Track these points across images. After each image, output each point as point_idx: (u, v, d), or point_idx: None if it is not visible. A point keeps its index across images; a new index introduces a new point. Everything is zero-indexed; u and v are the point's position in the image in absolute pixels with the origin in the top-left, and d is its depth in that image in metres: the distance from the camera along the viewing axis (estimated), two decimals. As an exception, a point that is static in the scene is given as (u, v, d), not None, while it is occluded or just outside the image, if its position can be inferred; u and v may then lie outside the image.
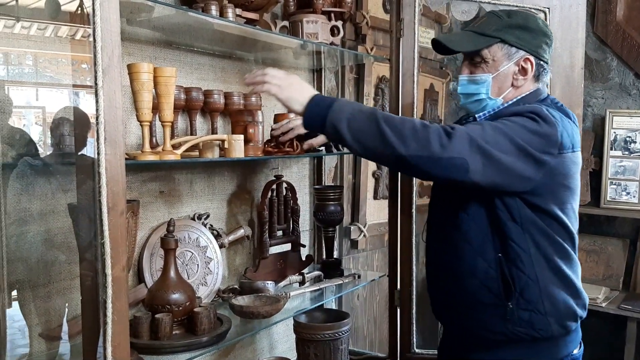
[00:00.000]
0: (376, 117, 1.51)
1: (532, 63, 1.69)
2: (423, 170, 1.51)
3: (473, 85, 1.72)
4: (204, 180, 2.20)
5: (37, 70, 1.76)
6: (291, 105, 1.63)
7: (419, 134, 1.48)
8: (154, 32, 1.91)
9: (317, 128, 1.62)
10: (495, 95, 1.72)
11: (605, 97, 3.55)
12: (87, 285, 1.36)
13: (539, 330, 1.64)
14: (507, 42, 1.67)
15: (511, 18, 1.69)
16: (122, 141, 1.32)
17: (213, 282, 2.12)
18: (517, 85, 1.71)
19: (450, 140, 1.48)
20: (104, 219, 1.29)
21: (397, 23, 2.35)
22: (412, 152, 1.48)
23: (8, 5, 1.63)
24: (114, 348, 1.32)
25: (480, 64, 1.71)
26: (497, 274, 1.63)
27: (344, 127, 1.54)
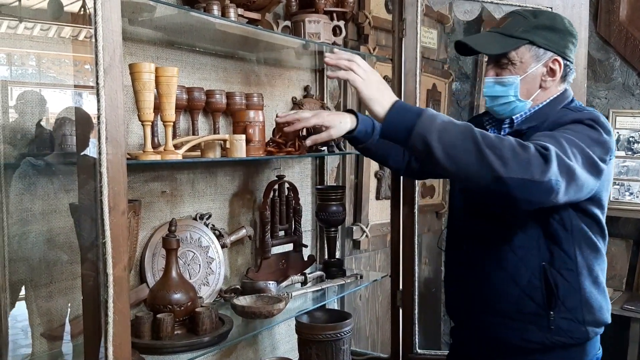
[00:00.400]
0: (472, 133, 1.38)
1: (560, 64, 1.66)
2: (518, 194, 1.38)
3: (500, 87, 1.68)
4: (206, 180, 2.20)
5: (40, 70, 1.76)
6: (372, 106, 1.48)
7: (519, 155, 1.36)
8: (156, 32, 1.91)
9: (399, 137, 1.46)
10: (524, 98, 1.68)
11: (608, 97, 3.55)
12: (89, 285, 1.36)
13: (576, 338, 1.63)
14: (536, 43, 1.64)
15: (538, 18, 1.66)
16: (124, 141, 1.32)
17: (215, 282, 2.12)
18: (545, 87, 1.68)
19: (547, 162, 1.36)
20: (105, 219, 1.29)
21: (400, 23, 2.35)
22: (512, 174, 1.35)
23: (11, 6, 1.64)
24: (115, 348, 1.32)
25: (507, 66, 1.67)
26: (541, 282, 1.61)
27: (434, 140, 1.38)
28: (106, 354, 1.32)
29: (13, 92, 1.65)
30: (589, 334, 1.65)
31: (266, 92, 2.41)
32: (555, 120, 1.62)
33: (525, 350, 1.67)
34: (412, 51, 2.34)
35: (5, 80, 1.62)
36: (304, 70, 2.65)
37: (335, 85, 2.88)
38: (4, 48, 1.63)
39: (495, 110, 1.73)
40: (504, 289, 1.66)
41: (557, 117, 1.63)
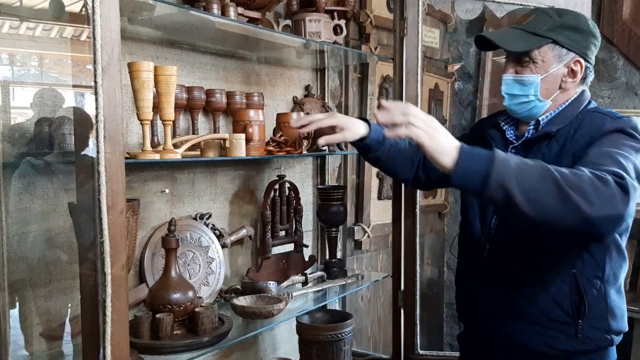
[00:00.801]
0: (550, 172, 1.32)
1: (582, 65, 1.63)
2: (606, 230, 1.32)
3: (520, 86, 1.65)
4: (206, 180, 2.19)
5: (42, 71, 1.76)
6: (439, 159, 1.38)
7: (601, 191, 1.30)
8: (155, 31, 1.91)
9: (473, 187, 1.36)
10: (544, 98, 1.64)
11: (611, 97, 3.53)
12: (87, 284, 1.35)
13: (600, 346, 1.62)
14: (559, 43, 1.60)
15: (562, 17, 1.62)
16: (122, 140, 1.31)
17: (215, 282, 2.11)
18: (565, 88, 1.65)
19: (627, 193, 1.31)
20: (104, 218, 1.28)
21: (401, 22, 2.34)
22: (599, 212, 1.29)
23: (13, 6, 1.63)
24: (113, 347, 1.32)
25: (528, 64, 1.63)
26: (571, 290, 1.59)
27: (514, 186, 1.30)
28: (104, 353, 1.31)
29: (14, 91, 1.65)
30: (613, 342, 1.64)
31: (267, 91, 2.40)
32: (592, 127, 1.57)
33: (548, 356, 1.64)
34: (413, 50, 2.33)
35: (6, 80, 1.61)
36: (305, 70, 2.65)
37: (337, 85, 2.88)
38: (5, 48, 1.62)
39: (513, 109, 1.69)
40: (533, 295, 1.62)
41: (593, 123, 1.58)
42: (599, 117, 1.60)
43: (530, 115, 1.69)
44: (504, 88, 1.68)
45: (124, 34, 1.83)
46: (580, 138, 1.58)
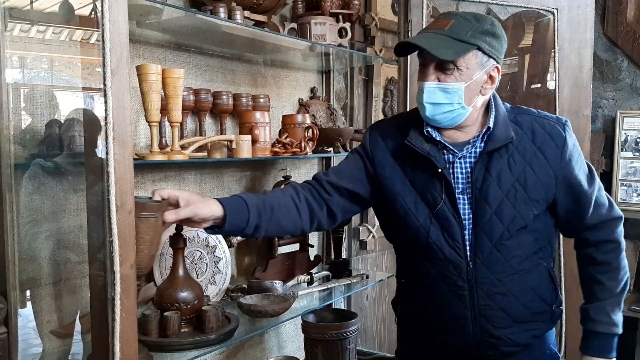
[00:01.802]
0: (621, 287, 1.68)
1: (499, 71, 1.59)
2: None
3: (443, 94, 1.54)
4: (213, 180, 2.22)
5: (52, 73, 1.79)
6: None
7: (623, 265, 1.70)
8: (163, 34, 1.94)
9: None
10: (467, 105, 1.56)
11: (615, 98, 3.54)
12: (96, 283, 1.38)
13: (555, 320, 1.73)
14: (482, 49, 1.53)
15: (480, 23, 1.54)
16: (131, 141, 1.34)
17: (222, 281, 2.14)
18: (484, 94, 1.59)
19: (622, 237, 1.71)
20: (113, 218, 1.31)
21: (405, 25, 2.36)
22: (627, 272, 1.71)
23: (23, 9, 1.67)
24: (122, 344, 1.35)
25: (452, 72, 1.52)
26: (547, 281, 1.65)
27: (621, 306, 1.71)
28: (113, 350, 1.34)
29: (25, 94, 1.68)
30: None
31: (273, 93, 2.43)
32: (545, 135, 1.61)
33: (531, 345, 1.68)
34: (417, 52, 2.35)
35: (17, 82, 1.65)
36: (310, 72, 2.68)
37: (342, 87, 2.90)
38: (16, 51, 1.66)
39: (437, 119, 1.58)
40: (520, 297, 1.61)
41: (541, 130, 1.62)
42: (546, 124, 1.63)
43: (453, 123, 1.60)
44: (426, 97, 1.55)
45: (132, 37, 1.87)
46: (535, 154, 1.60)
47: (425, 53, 1.52)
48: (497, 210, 1.57)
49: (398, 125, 1.70)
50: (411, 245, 1.67)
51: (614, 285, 1.67)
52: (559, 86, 2.32)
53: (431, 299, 1.66)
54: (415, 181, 1.62)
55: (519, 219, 1.57)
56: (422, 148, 1.60)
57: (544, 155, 1.60)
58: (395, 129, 1.70)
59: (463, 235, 1.59)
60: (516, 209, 1.57)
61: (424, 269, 1.65)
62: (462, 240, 1.59)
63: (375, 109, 3.09)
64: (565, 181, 1.61)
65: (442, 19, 1.58)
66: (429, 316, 1.68)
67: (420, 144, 1.60)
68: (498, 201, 1.57)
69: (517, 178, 1.58)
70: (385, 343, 3.32)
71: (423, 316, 1.71)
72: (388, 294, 3.31)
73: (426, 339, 1.73)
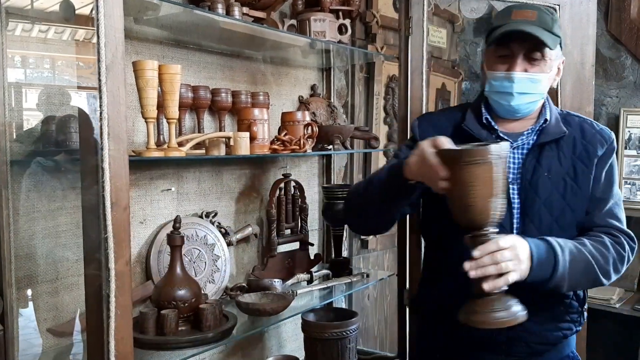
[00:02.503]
0: (593, 267, 1.54)
1: (563, 64, 1.69)
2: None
3: (530, 84, 1.61)
4: (212, 178, 2.21)
5: (50, 71, 1.78)
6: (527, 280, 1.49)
7: (619, 268, 1.60)
8: (161, 30, 1.93)
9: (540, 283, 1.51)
10: (544, 95, 1.68)
11: (619, 96, 3.52)
12: (91, 280, 1.37)
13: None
14: (561, 42, 1.63)
15: (555, 16, 1.62)
16: (126, 137, 1.33)
17: (220, 279, 2.13)
18: (553, 86, 1.69)
19: (632, 252, 1.64)
20: (108, 214, 1.30)
21: (406, 21, 2.34)
22: (610, 281, 1.61)
23: (25, 8, 1.66)
24: (117, 342, 1.34)
25: (539, 63, 1.60)
26: None
27: (565, 285, 1.53)
28: (108, 348, 1.33)
29: (22, 92, 1.67)
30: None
31: (273, 91, 2.42)
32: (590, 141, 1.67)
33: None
34: (418, 49, 2.33)
35: (14, 81, 1.64)
36: (310, 69, 2.66)
37: (343, 85, 2.89)
38: (15, 50, 1.65)
39: (520, 109, 1.65)
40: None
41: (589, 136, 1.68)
42: (594, 125, 1.72)
43: (528, 113, 1.68)
44: (517, 87, 1.61)
45: (130, 34, 1.87)
46: (584, 149, 1.66)
47: (513, 43, 1.58)
48: (546, 201, 1.61)
49: (445, 116, 1.78)
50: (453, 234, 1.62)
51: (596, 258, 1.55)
52: (561, 83, 2.29)
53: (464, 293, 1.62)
54: None
55: (569, 211, 1.62)
56: (480, 134, 1.66)
57: (590, 152, 1.66)
58: (443, 119, 1.78)
59: (512, 223, 1.62)
60: (566, 201, 1.62)
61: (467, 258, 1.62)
62: (510, 228, 1.61)
63: (376, 107, 3.07)
64: (596, 175, 1.65)
65: (525, 10, 1.62)
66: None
67: (477, 130, 1.67)
68: (547, 192, 1.61)
69: (567, 172, 1.62)
70: (386, 342, 3.30)
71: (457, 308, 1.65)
72: (390, 294, 3.29)
73: (455, 334, 1.70)
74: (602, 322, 3.40)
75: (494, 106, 1.70)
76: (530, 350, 1.67)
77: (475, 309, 1.44)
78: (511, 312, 1.41)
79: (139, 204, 1.95)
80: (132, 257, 1.95)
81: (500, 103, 1.67)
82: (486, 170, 1.37)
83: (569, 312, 1.68)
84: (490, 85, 1.67)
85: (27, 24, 1.69)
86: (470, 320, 1.44)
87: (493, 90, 1.66)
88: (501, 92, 1.64)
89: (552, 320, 1.65)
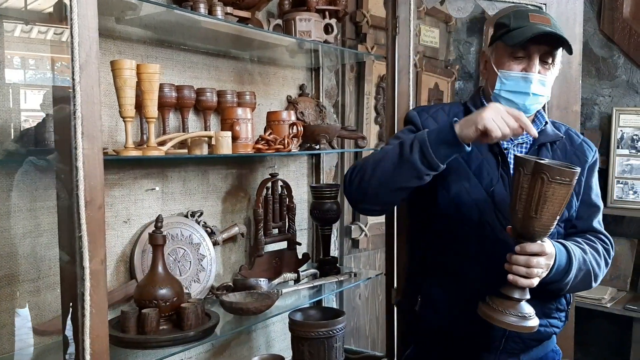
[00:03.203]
0: (590, 274, 1.65)
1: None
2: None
3: (541, 86, 1.67)
4: (198, 178, 2.21)
5: (33, 70, 1.79)
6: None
7: (605, 272, 1.72)
8: (145, 31, 1.93)
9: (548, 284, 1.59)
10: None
11: (612, 95, 3.51)
12: (66, 278, 1.38)
13: None
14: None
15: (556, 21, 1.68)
16: (100, 136, 1.33)
17: (206, 279, 2.13)
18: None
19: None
20: (82, 213, 1.30)
21: (393, 20, 2.34)
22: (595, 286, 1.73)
23: (21, 10, 1.67)
24: (92, 340, 1.34)
25: (550, 65, 1.68)
26: None
27: (565, 289, 1.65)
28: (83, 346, 1.33)
29: (3, 92, 1.68)
30: None
31: (260, 90, 2.42)
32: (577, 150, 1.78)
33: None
34: (405, 48, 2.33)
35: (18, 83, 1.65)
36: (299, 69, 2.66)
37: (333, 84, 2.89)
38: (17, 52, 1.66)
39: (530, 108, 1.70)
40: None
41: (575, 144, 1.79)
42: (580, 134, 1.86)
43: (532, 112, 1.75)
44: (534, 88, 1.66)
45: (113, 34, 1.87)
46: (574, 154, 1.77)
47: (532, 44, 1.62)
48: None
49: (443, 111, 1.82)
50: (457, 225, 1.71)
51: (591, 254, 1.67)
52: (548, 82, 2.30)
53: (466, 286, 1.67)
54: (469, 160, 1.69)
55: (564, 211, 1.64)
56: None
57: (580, 158, 1.76)
58: (441, 112, 1.82)
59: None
60: None
61: (464, 252, 1.68)
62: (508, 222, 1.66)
63: (367, 107, 3.08)
64: (587, 182, 1.77)
65: (540, 15, 1.69)
66: (459, 306, 1.69)
67: None
68: None
69: None
70: (378, 342, 3.30)
71: (452, 307, 1.72)
72: (381, 293, 3.28)
73: (448, 333, 1.75)
74: (594, 321, 3.41)
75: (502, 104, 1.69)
76: (523, 346, 1.73)
77: (494, 306, 1.52)
78: (524, 321, 1.50)
79: (122, 203, 1.95)
80: (116, 256, 1.96)
81: (512, 102, 1.69)
82: (565, 191, 1.42)
83: (558, 309, 1.75)
84: (502, 84, 1.69)
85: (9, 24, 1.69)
86: (487, 315, 1.52)
87: (506, 89, 1.69)
88: (516, 91, 1.68)
89: (543, 317, 1.69)
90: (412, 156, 1.51)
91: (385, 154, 1.61)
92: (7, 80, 1.67)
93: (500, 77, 1.69)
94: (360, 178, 1.64)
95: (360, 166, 1.67)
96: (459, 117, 1.66)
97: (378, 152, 1.68)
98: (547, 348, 1.82)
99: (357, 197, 1.69)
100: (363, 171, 1.63)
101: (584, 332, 3.41)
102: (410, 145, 1.53)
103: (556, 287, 1.61)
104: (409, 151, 1.53)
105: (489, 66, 1.76)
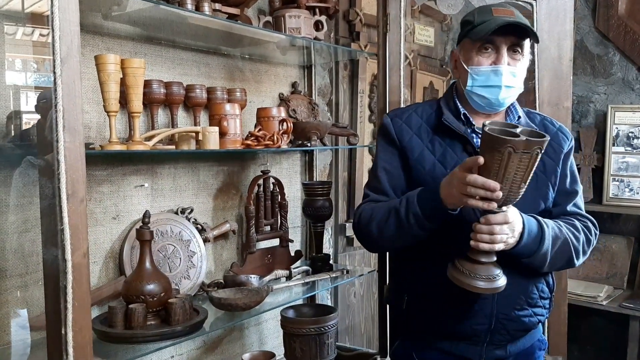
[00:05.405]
0: (571, 253, 1.66)
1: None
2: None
3: (513, 77, 1.67)
4: (188, 174, 2.21)
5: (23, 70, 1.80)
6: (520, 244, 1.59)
7: (586, 250, 1.72)
8: (133, 27, 1.94)
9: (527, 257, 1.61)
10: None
11: (607, 93, 3.50)
12: (49, 272, 1.38)
13: None
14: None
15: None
16: (82, 130, 1.34)
17: (196, 275, 2.13)
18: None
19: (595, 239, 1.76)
20: (64, 206, 1.31)
21: (384, 18, 2.34)
22: (579, 263, 1.72)
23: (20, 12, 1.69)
24: (75, 333, 1.34)
25: (519, 56, 1.68)
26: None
27: (546, 263, 1.64)
28: (66, 339, 1.34)
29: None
30: None
31: (252, 88, 2.43)
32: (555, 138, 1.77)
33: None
34: (395, 46, 2.33)
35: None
36: (291, 67, 2.66)
37: (327, 82, 2.89)
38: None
39: (503, 102, 1.70)
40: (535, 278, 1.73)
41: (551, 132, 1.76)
42: (554, 122, 1.84)
43: (506, 105, 1.74)
44: (505, 80, 1.65)
45: (101, 30, 1.88)
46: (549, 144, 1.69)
47: (498, 37, 1.63)
48: None
49: (416, 113, 1.80)
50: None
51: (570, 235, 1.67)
52: (539, 78, 2.29)
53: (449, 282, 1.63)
54: (445, 160, 1.70)
55: (539, 201, 1.70)
56: (459, 128, 1.70)
57: (555, 147, 1.75)
58: (414, 115, 1.80)
59: None
60: (537, 192, 1.69)
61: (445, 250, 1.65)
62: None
63: (361, 105, 3.08)
64: (563, 171, 1.75)
65: (504, 8, 1.68)
66: (444, 302, 1.69)
67: (457, 125, 1.71)
68: None
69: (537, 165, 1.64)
70: (373, 340, 3.30)
71: (437, 304, 1.71)
72: (376, 291, 3.28)
73: (434, 330, 1.75)
74: (590, 319, 3.40)
75: (476, 101, 1.72)
76: (509, 337, 1.73)
77: (462, 269, 1.55)
78: (492, 283, 1.52)
79: (111, 199, 1.96)
80: (105, 252, 1.96)
81: (485, 97, 1.69)
82: (532, 161, 1.42)
83: (541, 297, 1.74)
84: (474, 80, 1.69)
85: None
86: (455, 277, 1.55)
87: (477, 84, 1.69)
88: (488, 85, 1.68)
89: (528, 306, 1.71)
90: (412, 229, 1.62)
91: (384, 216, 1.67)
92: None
93: (471, 73, 1.68)
94: (368, 239, 1.77)
95: (364, 225, 1.73)
96: (431, 118, 1.75)
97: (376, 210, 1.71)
98: (533, 337, 1.82)
99: (373, 251, 2.05)
100: (368, 232, 1.72)
101: (580, 330, 3.41)
102: (407, 217, 1.61)
103: (535, 260, 1.61)
104: (406, 223, 1.61)
105: (459, 65, 1.75)
